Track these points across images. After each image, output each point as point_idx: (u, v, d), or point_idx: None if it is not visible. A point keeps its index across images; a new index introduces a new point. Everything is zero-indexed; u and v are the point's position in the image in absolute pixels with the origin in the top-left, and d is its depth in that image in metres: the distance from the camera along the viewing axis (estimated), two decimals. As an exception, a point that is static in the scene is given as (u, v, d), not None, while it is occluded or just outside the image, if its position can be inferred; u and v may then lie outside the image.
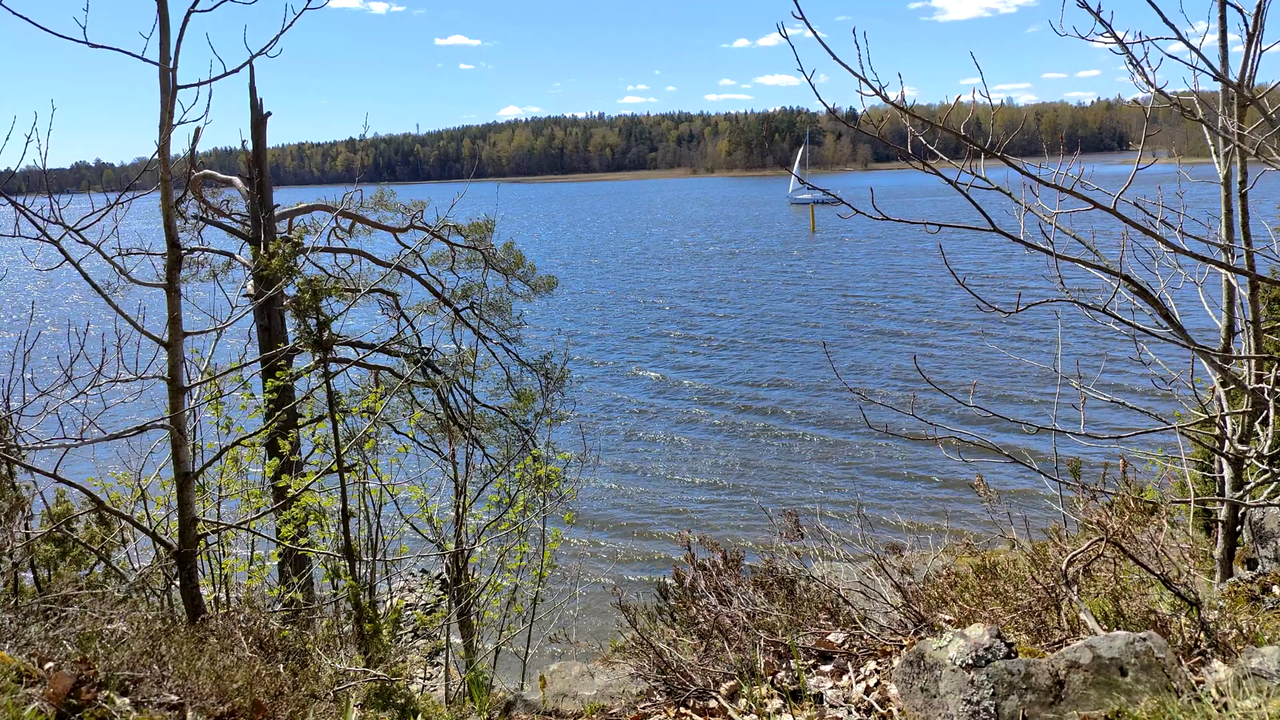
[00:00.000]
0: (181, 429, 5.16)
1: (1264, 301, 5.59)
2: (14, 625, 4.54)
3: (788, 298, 52.15)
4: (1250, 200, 4.43)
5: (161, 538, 5.58)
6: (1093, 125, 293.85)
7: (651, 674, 4.66)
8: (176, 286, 5.10)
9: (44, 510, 6.79)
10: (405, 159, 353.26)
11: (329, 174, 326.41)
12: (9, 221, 4.92)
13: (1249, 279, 4.41)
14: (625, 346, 41.54)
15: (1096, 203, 3.75)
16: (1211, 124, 4.23)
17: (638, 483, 25.03)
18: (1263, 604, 4.05)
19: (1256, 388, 4.36)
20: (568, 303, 50.67)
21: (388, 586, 7.78)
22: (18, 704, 3.18)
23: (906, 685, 3.60)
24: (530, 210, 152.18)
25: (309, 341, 5.33)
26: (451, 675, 6.23)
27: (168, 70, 4.85)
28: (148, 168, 5.21)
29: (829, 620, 4.95)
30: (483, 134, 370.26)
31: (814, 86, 3.61)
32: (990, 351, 33.33)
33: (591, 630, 15.10)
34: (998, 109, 3.76)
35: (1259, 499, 4.48)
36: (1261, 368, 4.52)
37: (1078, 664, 3.22)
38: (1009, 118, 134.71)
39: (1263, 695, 2.92)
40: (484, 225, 18.27)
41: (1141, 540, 4.63)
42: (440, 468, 8.61)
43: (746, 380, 34.61)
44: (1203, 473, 6.29)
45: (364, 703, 4.15)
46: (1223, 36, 4.18)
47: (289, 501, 6.88)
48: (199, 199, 16.34)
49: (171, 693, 3.71)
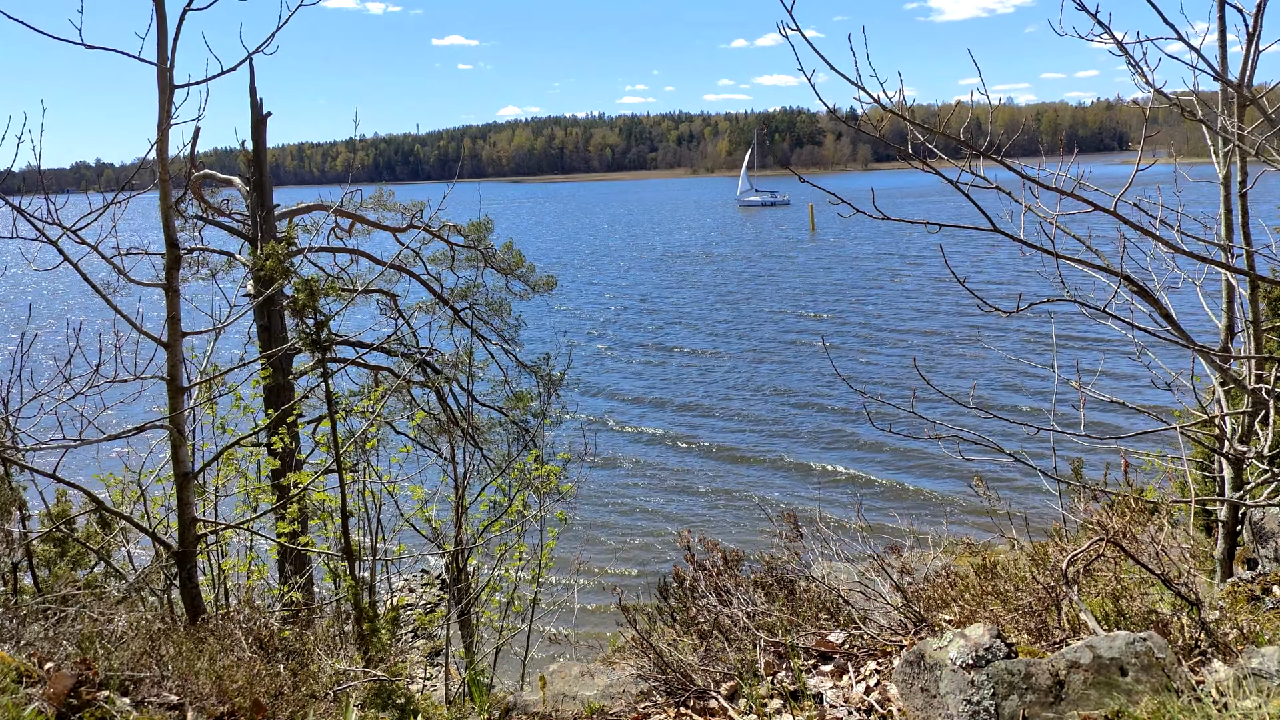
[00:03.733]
0: (181, 429, 5.16)
1: (1264, 301, 5.59)
2: (14, 625, 4.53)
3: (787, 298, 52.15)
4: (1250, 200, 4.43)
5: (161, 538, 5.58)
6: (1093, 125, 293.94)
7: (651, 674, 4.66)
8: (175, 286, 5.09)
9: (43, 510, 6.78)
10: (405, 159, 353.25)
11: (329, 174, 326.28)
12: (7, 223, 4.91)
13: (1249, 279, 4.41)
14: (625, 346, 41.53)
15: (1096, 204, 3.75)
16: (1211, 124, 4.22)
17: (637, 483, 25.02)
18: (1263, 604, 4.05)
19: (1256, 388, 4.36)
20: (568, 303, 50.66)
21: (388, 586, 7.77)
22: (18, 704, 3.18)
23: (906, 685, 3.60)
24: (519, 210, 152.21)
25: (307, 341, 5.33)
26: (451, 675, 6.22)
27: (165, 70, 4.85)
28: (143, 166, 5.21)
29: (829, 620, 4.95)
30: (483, 134, 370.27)
31: (814, 87, 3.61)
32: (990, 352, 33.34)
33: (591, 630, 15.10)
34: (998, 109, 3.76)
35: (1259, 499, 4.48)
36: (1261, 368, 4.51)
37: (1078, 664, 3.22)
38: (1009, 117, 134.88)
39: (1263, 695, 2.92)
40: (483, 225, 18.27)
41: (1142, 540, 4.63)
42: (440, 467, 8.60)
43: (746, 380, 34.61)
44: (1203, 473, 6.28)
45: (364, 703, 4.14)
46: (1222, 36, 4.18)
47: (288, 501, 6.88)
48: (198, 199, 16.33)
49: (171, 693, 3.71)
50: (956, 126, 3.60)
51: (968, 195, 3.75)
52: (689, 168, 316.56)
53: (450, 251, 18.32)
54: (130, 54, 4.79)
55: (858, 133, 4.15)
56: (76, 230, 4.80)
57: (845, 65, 3.42)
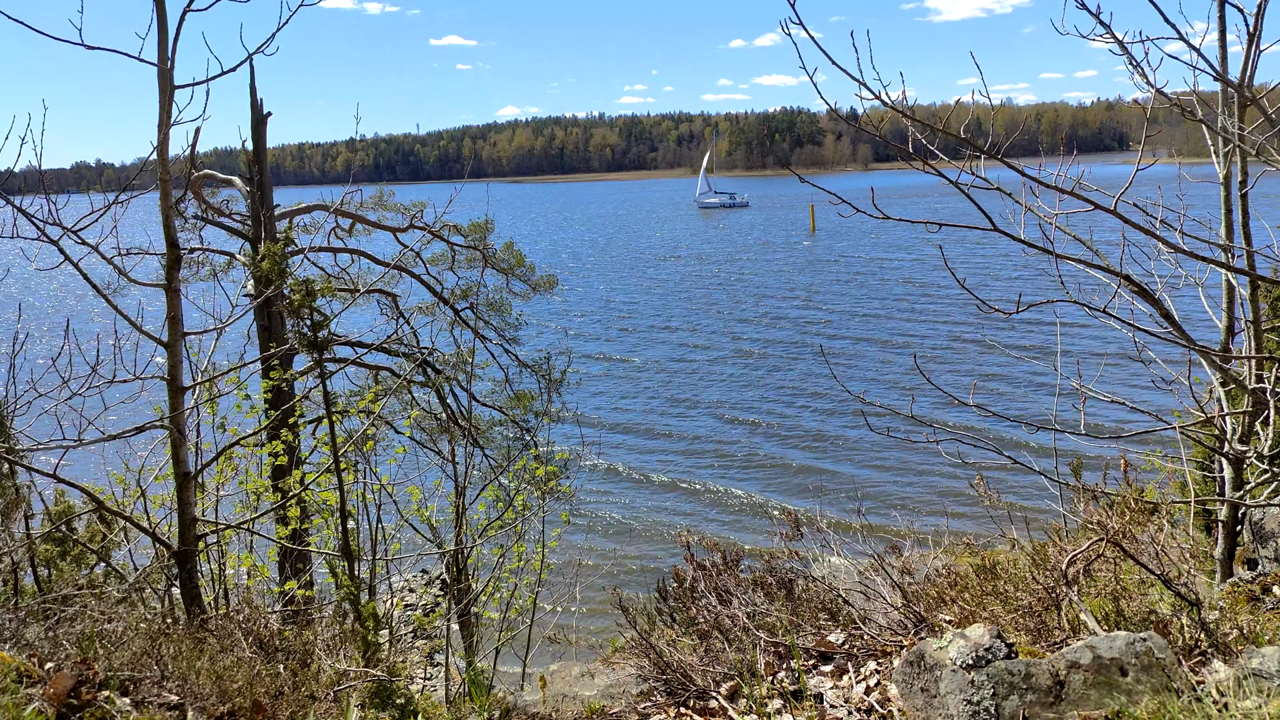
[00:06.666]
0: (181, 429, 5.16)
1: (1264, 301, 5.59)
2: (14, 625, 4.54)
3: (786, 297, 52.13)
4: (1250, 200, 4.43)
5: (161, 538, 5.57)
6: (1093, 125, 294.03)
7: (651, 674, 4.66)
8: (176, 286, 5.09)
9: (44, 510, 6.78)
10: (405, 159, 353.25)
11: (329, 174, 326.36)
12: (7, 223, 4.91)
13: (1249, 279, 4.41)
14: (624, 347, 41.52)
15: (1097, 204, 3.75)
16: (1211, 124, 4.22)
17: (637, 483, 25.02)
18: (1263, 604, 4.04)
19: (1256, 388, 4.35)
20: (566, 302, 50.64)
21: (388, 586, 7.77)
22: (18, 704, 3.18)
23: (907, 685, 3.60)
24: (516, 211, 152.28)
25: (304, 342, 5.32)
26: (451, 675, 6.22)
27: (165, 70, 4.85)
28: (146, 167, 5.21)
29: (829, 620, 4.95)
30: (483, 134, 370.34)
31: (816, 86, 3.61)
32: (990, 352, 33.33)
33: (591, 630, 15.10)
34: (998, 109, 3.76)
35: (1259, 499, 4.47)
36: (1261, 368, 4.51)
37: (1078, 664, 3.22)
38: (1009, 117, 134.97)
39: (1263, 695, 2.92)
40: (483, 225, 18.27)
41: (1142, 540, 4.63)
42: (440, 467, 8.61)
43: (746, 380, 34.61)
44: (1203, 473, 6.28)
45: (364, 703, 4.14)
46: (1222, 36, 4.18)
47: (288, 501, 6.88)
48: (199, 199, 16.33)
49: (171, 693, 3.71)
50: (957, 126, 3.60)
51: (968, 195, 3.75)
52: (689, 167, 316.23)
53: (450, 252, 18.32)
54: (130, 54, 4.79)
55: (858, 132, 4.16)
56: (77, 230, 4.80)
57: (846, 63, 3.42)
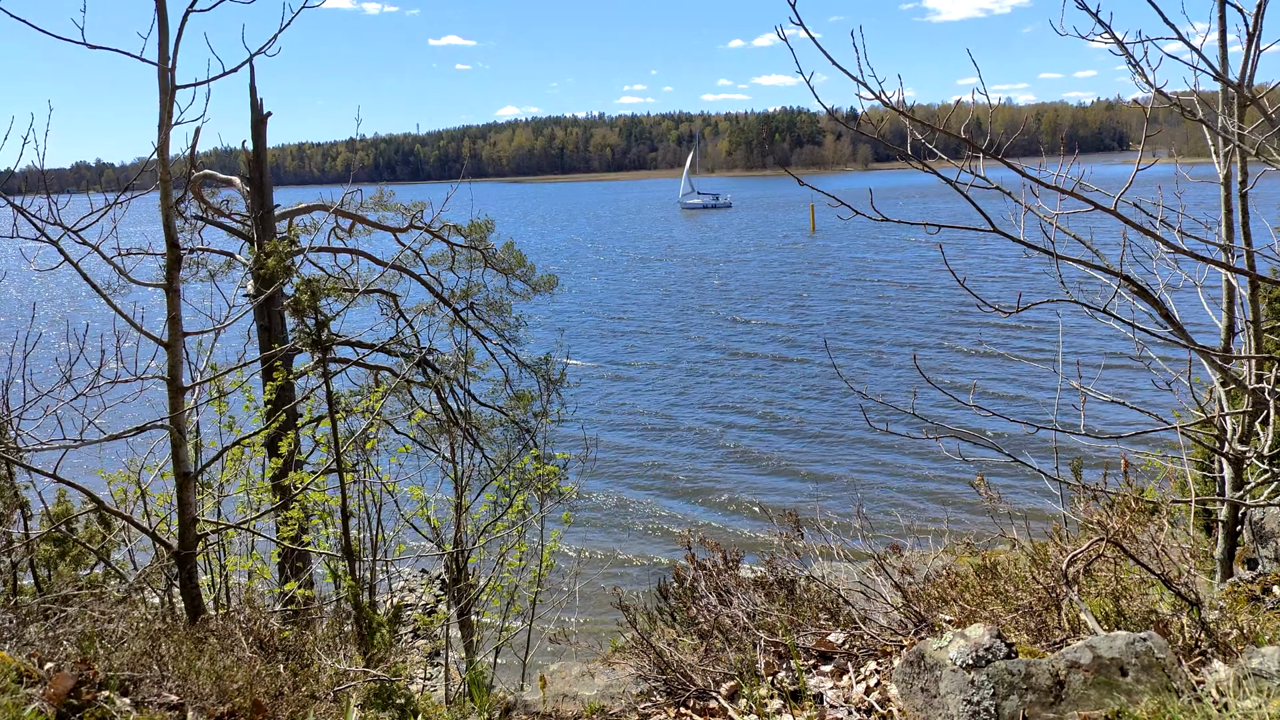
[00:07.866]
0: (181, 429, 5.16)
1: (1264, 301, 5.59)
2: (14, 625, 4.54)
3: (787, 297, 52.13)
4: (1250, 200, 4.43)
5: (161, 538, 5.57)
6: (1093, 125, 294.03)
7: (652, 674, 4.66)
8: (176, 286, 5.09)
9: (44, 510, 6.78)
10: (405, 159, 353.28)
11: (329, 174, 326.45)
12: (8, 222, 4.91)
13: (1249, 279, 4.41)
14: (624, 347, 41.52)
15: (1097, 204, 3.75)
16: (1211, 124, 4.22)
17: (638, 483, 25.02)
18: (1263, 604, 4.04)
19: (1256, 388, 4.35)
20: (568, 302, 50.65)
21: (389, 586, 7.77)
22: (18, 704, 3.18)
23: (907, 685, 3.60)
24: (516, 211, 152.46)
25: (307, 341, 5.33)
26: (451, 675, 6.22)
27: (166, 70, 4.85)
28: (146, 167, 5.21)
29: (829, 620, 4.95)
30: (483, 134, 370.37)
31: (813, 89, 3.61)
32: (990, 352, 33.34)
33: (591, 630, 15.09)
34: (997, 109, 3.76)
35: (1259, 499, 4.48)
36: (1261, 368, 4.51)
37: (1078, 664, 3.22)
38: (1009, 118, 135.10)
39: (1263, 695, 2.92)
40: (483, 225, 18.27)
41: (1142, 540, 4.63)
42: (440, 467, 8.60)
43: (746, 379, 34.60)
44: (1203, 473, 6.28)
45: (364, 703, 4.14)
46: (1222, 36, 4.18)
47: (288, 501, 6.88)
48: (199, 199, 16.33)
49: (171, 693, 3.71)
50: (956, 126, 3.60)
51: (967, 196, 3.75)
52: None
53: (450, 252, 18.33)
54: (132, 54, 4.79)
55: (858, 132, 4.15)
56: (78, 230, 4.80)
57: (845, 62, 3.42)
